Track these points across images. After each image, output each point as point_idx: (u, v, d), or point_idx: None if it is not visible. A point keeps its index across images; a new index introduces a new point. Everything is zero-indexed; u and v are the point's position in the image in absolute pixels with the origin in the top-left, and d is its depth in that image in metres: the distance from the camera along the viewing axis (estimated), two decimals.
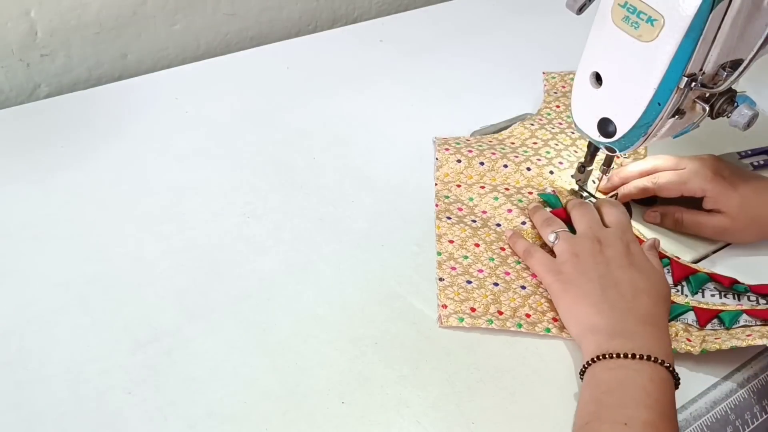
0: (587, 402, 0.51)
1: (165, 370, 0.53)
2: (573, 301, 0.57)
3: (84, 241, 0.62)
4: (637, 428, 0.47)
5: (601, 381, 0.51)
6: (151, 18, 0.86)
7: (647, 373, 0.50)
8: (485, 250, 0.65)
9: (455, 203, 0.70)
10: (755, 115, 0.58)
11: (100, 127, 0.74)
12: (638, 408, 0.48)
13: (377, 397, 0.53)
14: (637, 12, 0.54)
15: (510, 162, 0.73)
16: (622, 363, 0.51)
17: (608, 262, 0.58)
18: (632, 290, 0.56)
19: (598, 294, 0.56)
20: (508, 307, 0.60)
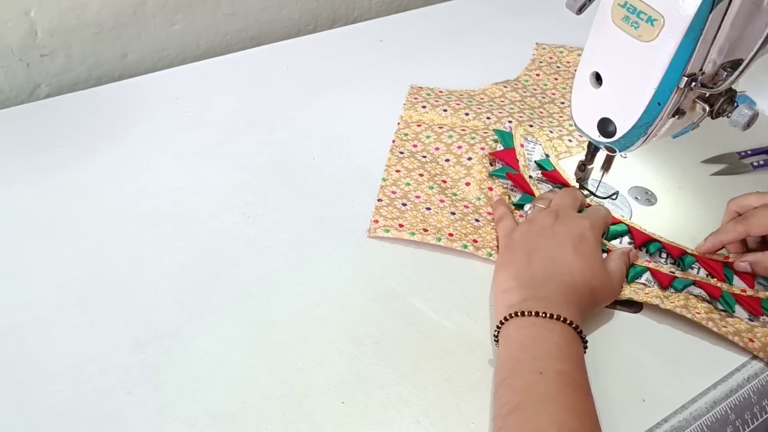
0: (504, 360, 0.52)
1: (165, 370, 0.53)
2: (502, 263, 0.60)
3: (84, 241, 0.62)
4: (552, 376, 0.49)
5: (514, 339, 0.53)
6: (151, 18, 0.86)
7: (557, 331, 0.52)
8: (427, 180, 0.71)
9: (412, 140, 0.76)
10: (755, 115, 0.58)
11: (100, 127, 0.74)
12: (552, 360, 0.50)
13: (377, 397, 0.53)
14: (637, 12, 0.54)
15: (472, 111, 0.79)
16: (533, 321, 0.52)
17: (553, 236, 0.59)
18: (559, 266, 0.57)
19: (523, 261, 0.58)
20: (433, 227, 0.65)
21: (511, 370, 0.51)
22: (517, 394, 0.49)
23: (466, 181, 0.71)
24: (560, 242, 0.59)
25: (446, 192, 0.69)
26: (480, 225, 0.67)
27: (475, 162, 0.72)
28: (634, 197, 0.72)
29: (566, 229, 0.60)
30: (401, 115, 0.79)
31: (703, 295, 0.61)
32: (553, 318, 0.52)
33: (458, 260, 0.64)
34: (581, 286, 0.57)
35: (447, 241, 0.64)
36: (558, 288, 0.55)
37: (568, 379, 0.49)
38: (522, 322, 0.53)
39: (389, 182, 0.71)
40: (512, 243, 0.60)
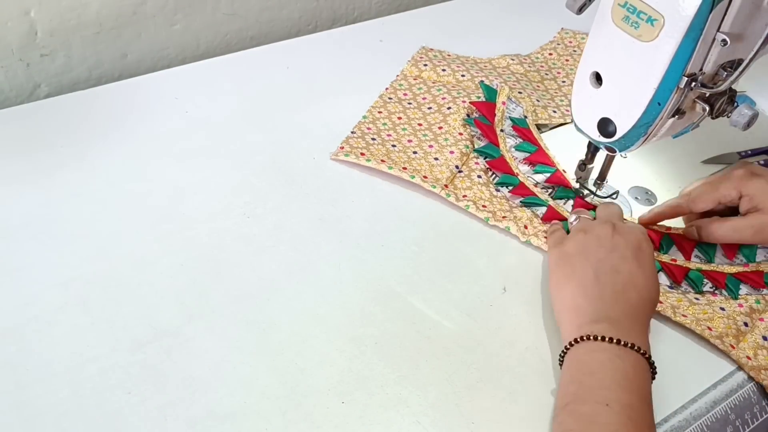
0: (568, 383, 0.51)
1: (165, 370, 0.53)
2: (564, 277, 0.57)
3: (84, 241, 0.62)
4: (618, 410, 0.47)
5: (582, 363, 0.51)
6: (151, 18, 0.86)
7: (629, 360, 0.50)
8: (404, 123, 0.77)
9: (404, 90, 0.82)
10: (755, 115, 0.58)
11: (100, 127, 0.74)
12: (619, 390, 0.48)
13: (377, 397, 0.53)
14: (637, 12, 0.54)
15: (468, 74, 0.83)
16: (606, 347, 0.51)
17: (613, 249, 0.57)
18: (626, 283, 0.55)
19: (590, 277, 0.55)
20: (391, 160, 0.71)
21: (575, 395, 0.49)
22: (579, 422, 0.47)
23: (440, 125, 0.76)
24: (622, 254, 0.57)
25: (417, 134, 0.76)
26: (438, 164, 0.72)
27: (454, 111, 0.77)
28: (634, 197, 0.72)
29: (625, 240, 0.58)
30: (402, 69, 0.85)
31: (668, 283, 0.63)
32: (626, 346, 0.50)
33: (458, 260, 0.64)
34: (647, 302, 0.55)
35: (398, 171, 0.70)
36: (628, 310, 0.54)
37: (634, 414, 0.47)
38: (593, 346, 0.51)
39: (368, 120, 0.77)
40: (569, 254, 0.58)
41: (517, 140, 0.75)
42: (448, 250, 0.65)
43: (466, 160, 0.73)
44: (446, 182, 0.69)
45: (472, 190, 0.70)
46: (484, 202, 0.69)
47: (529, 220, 0.67)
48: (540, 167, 0.73)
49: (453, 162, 0.72)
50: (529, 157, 0.74)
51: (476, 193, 0.69)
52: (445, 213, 0.69)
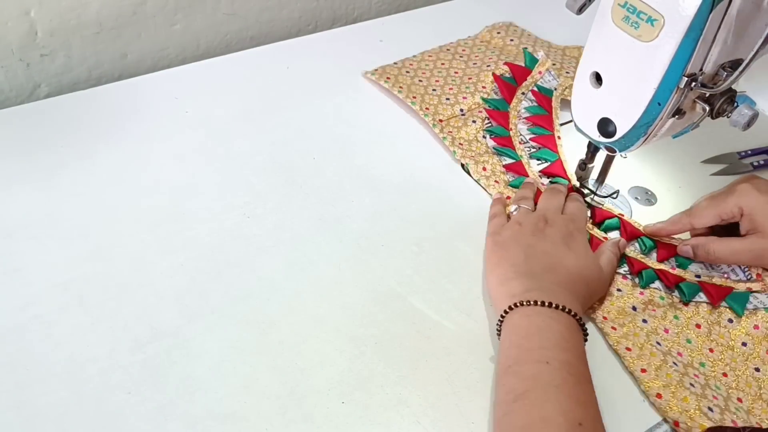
0: (508, 348, 0.52)
1: (165, 370, 0.53)
2: (496, 261, 0.60)
3: (84, 241, 0.62)
4: (558, 366, 0.49)
5: (519, 327, 0.53)
6: (151, 18, 0.86)
7: (562, 321, 0.53)
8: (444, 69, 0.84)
9: (465, 47, 0.89)
10: (755, 115, 0.58)
11: (100, 127, 0.74)
12: (557, 349, 0.51)
13: (377, 397, 0.53)
14: (637, 12, 0.54)
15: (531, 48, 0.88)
16: (539, 310, 0.53)
17: (544, 237, 0.60)
18: (556, 263, 0.58)
19: (520, 258, 0.58)
20: (408, 90, 0.80)
21: (517, 357, 0.51)
22: (523, 381, 0.49)
23: (470, 77, 0.82)
24: (552, 241, 0.60)
25: (447, 78, 0.82)
26: (449, 103, 0.78)
27: (492, 69, 0.83)
28: (634, 197, 0.72)
29: (556, 230, 0.61)
30: (478, 34, 0.93)
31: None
32: (558, 308, 0.53)
33: (458, 260, 0.64)
34: (578, 279, 0.58)
35: (404, 96, 0.78)
36: (557, 280, 0.56)
37: (573, 370, 0.50)
38: (527, 311, 0.53)
39: (417, 59, 0.85)
40: (503, 241, 0.61)
41: (532, 103, 0.80)
42: (448, 250, 0.65)
43: (473, 109, 0.79)
44: (442, 118, 0.74)
45: (459, 130, 0.75)
46: (462, 141, 0.74)
47: (492, 166, 0.71)
48: (537, 128, 0.76)
49: (460, 105, 0.78)
50: (533, 117, 0.78)
51: (461, 132, 0.75)
52: (445, 213, 0.69)
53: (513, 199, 0.68)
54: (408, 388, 0.53)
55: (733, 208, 0.61)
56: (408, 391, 0.53)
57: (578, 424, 0.46)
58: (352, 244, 0.65)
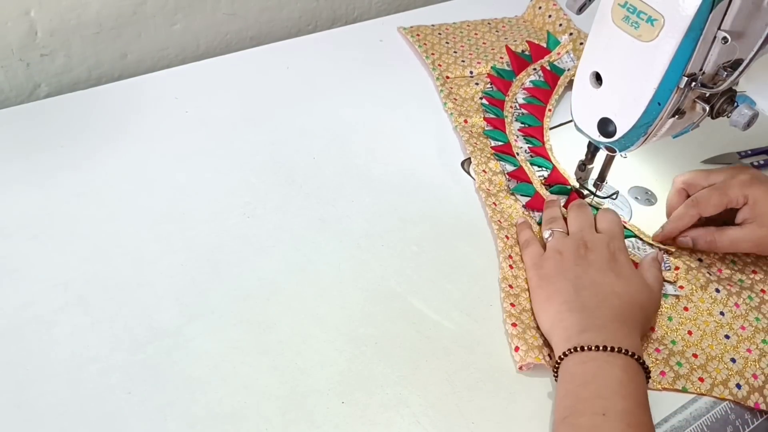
0: (563, 397, 0.51)
1: (165, 370, 0.53)
2: (546, 297, 0.58)
3: (84, 241, 0.62)
4: (615, 417, 0.48)
5: (575, 374, 0.51)
6: (151, 18, 0.86)
7: (619, 365, 0.51)
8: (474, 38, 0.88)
9: (505, 24, 0.92)
10: (755, 115, 0.58)
11: (100, 127, 0.74)
12: (614, 398, 0.49)
13: (377, 397, 0.53)
14: (637, 12, 0.54)
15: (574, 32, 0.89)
16: (594, 356, 0.51)
17: (589, 265, 0.58)
18: (607, 292, 0.56)
19: (570, 292, 0.56)
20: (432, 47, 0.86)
21: (572, 408, 0.49)
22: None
23: (492, 46, 0.87)
24: (598, 268, 0.58)
25: (471, 45, 0.86)
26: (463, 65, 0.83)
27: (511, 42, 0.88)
28: (634, 197, 0.72)
29: (598, 255, 0.59)
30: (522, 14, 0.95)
31: None
32: (614, 351, 0.51)
33: (458, 260, 0.64)
34: (632, 307, 0.56)
35: (424, 52, 0.84)
36: (612, 314, 0.54)
37: (632, 420, 0.48)
38: (583, 357, 0.52)
39: (455, 26, 0.90)
40: (548, 275, 0.59)
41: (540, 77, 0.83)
42: (448, 250, 0.65)
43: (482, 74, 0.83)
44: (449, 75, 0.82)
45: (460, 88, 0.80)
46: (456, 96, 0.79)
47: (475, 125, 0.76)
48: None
49: (471, 68, 0.83)
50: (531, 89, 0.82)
51: (465, 105, 0.78)
52: (445, 213, 0.69)
53: (544, 223, 0.66)
54: (408, 388, 0.53)
55: (740, 197, 0.62)
56: (408, 391, 0.53)
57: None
58: (352, 244, 0.65)
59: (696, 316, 0.60)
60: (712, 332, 0.59)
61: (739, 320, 0.60)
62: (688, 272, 0.63)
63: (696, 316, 0.60)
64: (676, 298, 0.62)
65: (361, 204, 0.69)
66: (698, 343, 0.58)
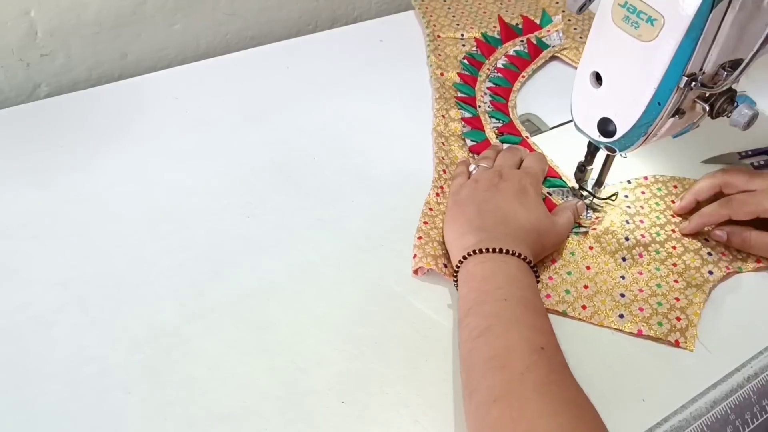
0: (467, 293, 0.55)
1: (165, 370, 0.53)
2: (452, 218, 0.63)
3: (84, 241, 0.62)
4: (515, 302, 0.53)
5: (475, 273, 0.56)
6: (150, 18, 0.86)
7: (514, 264, 0.56)
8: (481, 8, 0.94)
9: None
10: (755, 115, 0.58)
11: (100, 127, 0.74)
12: (513, 288, 0.54)
13: (376, 397, 0.53)
14: (637, 12, 0.54)
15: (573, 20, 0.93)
16: (491, 256, 0.56)
17: (497, 191, 0.63)
18: (507, 215, 0.61)
19: (473, 213, 0.61)
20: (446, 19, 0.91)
21: (476, 300, 0.54)
22: (485, 319, 0.52)
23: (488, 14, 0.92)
24: (505, 196, 0.63)
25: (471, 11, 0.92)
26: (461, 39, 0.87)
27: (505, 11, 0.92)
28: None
29: (509, 185, 0.64)
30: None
31: None
32: (508, 253, 0.56)
33: None
34: (528, 230, 0.60)
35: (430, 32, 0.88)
36: (508, 231, 0.59)
37: (530, 304, 0.53)
38: (481, 258, 0.56)
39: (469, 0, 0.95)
40: (460, 199, 0.64)
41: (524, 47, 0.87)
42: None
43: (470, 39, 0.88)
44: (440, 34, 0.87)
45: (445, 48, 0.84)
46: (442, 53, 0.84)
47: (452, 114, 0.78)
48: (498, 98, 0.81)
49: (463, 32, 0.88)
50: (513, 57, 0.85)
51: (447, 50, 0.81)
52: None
53: (476, 159, 0.71)
54: (407, 388, 0.53)
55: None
56: (407, 391, 0.53)
57: (540, 348, 0.49)
58: (352, 244, 0.65)
59: (598, 255, 0.64)
60: (608, 271, 0.63)
61: (638, 267, 0.63)
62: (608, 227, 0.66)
63: (598, 255, 0.64)
64: (584, 236, 0.66)
65: (360, 204, 0.69)
66: (593, 277, 0.62)
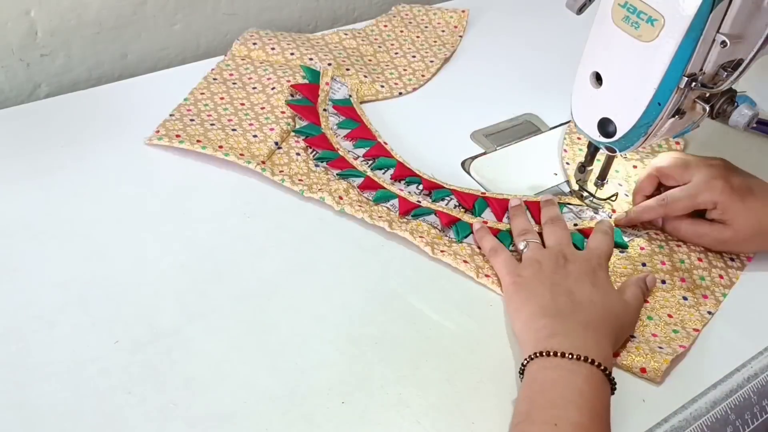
0: (521, 402, 0.50)
1: (165, 370, 0.53)
2: (522, 302, 0.57)
3: (84, 241, 0.62)
4: (566, 429, 0.46)
5: (535, 380, 0.51)
6: (151, 18, 0.86)
7: (582, 374, 0.50)
8: (226, 103, 0.75)
9: (230, 71, 0.80)
10: (755, 115, 0.58)
11: (100, 127, 0.74)
12: (568, 408, 0.48)
13: (377, 397, 0.53)
14: (637, 12, 0.54)
15: (298, 52, 0.82)
16: (558, 362, 0.50)
17: (567, 275, 0.58)
18: (583, 300, 0.56)
19: (547, 298, 0.56)
20: (207, 140, 0.70)
21: (527, 414, 0.49)
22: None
23: (262, 105, 0.76)
24: (576, 278, 0.58)
25: (238, 113, 0.75)
26: (257, 140, 0.71)
27: (278, 91, 0.77)
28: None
29: (578, 267, 0.59)
30: (231, 49, 0.83)
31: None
32: (580, 359, 0.50)
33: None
34: (607, 315, 0.56)
35: (212, 151, 0.69)
36: (585, 320, 0.54)
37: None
38: (546, 363, 0.51)
39: (189, 102, 0.76)
40: (526, 282, 0.58)
41: (340, 118, 0.76)
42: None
43: (287, 138, 0.73)
44: (263, 159, 0.70)
45: (289, 166, 0.70)
46: (301, 176, 0.69)
47: (345, 192, 0.68)
48: (361, 142, 0.74)
49: (272, 138, 0.72)
50: (351, 132, 0.75)
51: (293, 168, 0.70)
52: None
53: (516, 234, 0.65)
54: (408, 389, 0.53)
55: (709, 203, 0.64)
56: (408, 392, 0.53)
57: None
58: (352, 244, 0.65)
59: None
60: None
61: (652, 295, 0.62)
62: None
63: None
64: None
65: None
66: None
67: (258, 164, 0.69)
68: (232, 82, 0.78)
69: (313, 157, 0.72)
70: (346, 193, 0.68)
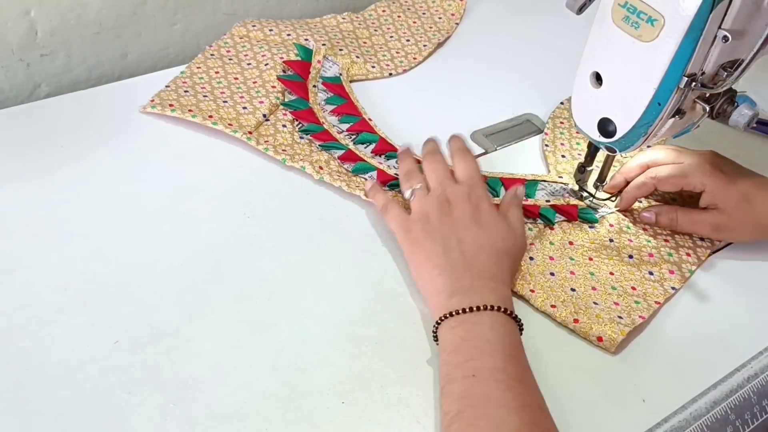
0: (440, 367, 0.52)
1: (165, 370, 0.53)
2: (419, 263, 0.59)
3: (84, 241, 0.62)
4: (485, 376, 0.49)
5: (446, 341, 0.53)
6: (151, 18, 0.86)
7: (485, 323, 0.52)
8: (221, 77, 0.78)
9: (227, 47, 0.82)
10: (755, 115, 0.58)
11: (100, 127, 0.74)
12: (482, 357, 0.50)
13: (377, 397, 0.53)
14: (637, 12, 0.54)
15: (294, 33, 0.84)
16: (462, 319, 0.52)
17: (454, 223, 0.59)
18: (473, 248, 0.57)
19: (440, 255, 0.57)
20: (199, 109, 0.73)
21: (447, 376, 0.51)
22: (454, 402, 0.49)
23: (255, 80, 0.78)
24: (463, 225, 0.59)
25: (231, 87, 0.77)
26: (246, 112, 0.74)
27: (270, 67, 0.79)
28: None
29: (461, 210, 0.60)
30: (230, 30, 0.84)
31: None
32: (480, 310, 0.52)
33: None
34: (498, 258, 0.57)
35: (201, 120, 0.72)
36: (479, 271, 0.56)
37: (501, 376, 0.49)
38: (452, 322, 0.53)
39: (186, 75, 0.78)
40: (417, 238, 0.60)
41: (328, 94, 0.79)
42: None
43: (275, 111, 0.76)
44: (251, 129, 0.72)
45: (274, 137, 0.72)
46: (285, 146, 0.72)
47: (326, 162, 0.70)
48: (346, 117, 0.76)
49: (261, 111, 0.74)
50: (337, 108, 0.77)
51: (278, 139, 0.72)
52: None
53: (401, 179, 0.66)
54: (408, 388, 0.54)
55: (698, 184, 0.64)
56: (408, 391, 0.53)
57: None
58: (352, 244, 0.65)
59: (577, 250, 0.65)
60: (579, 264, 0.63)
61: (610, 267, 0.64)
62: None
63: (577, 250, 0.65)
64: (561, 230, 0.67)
65: (361, 204, 0.69)
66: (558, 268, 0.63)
67: (244, 134, 0.71)
68: (228, 58, 0.81)
69: (298, 129, 0.74)
70: (326, 164, 0.70)
